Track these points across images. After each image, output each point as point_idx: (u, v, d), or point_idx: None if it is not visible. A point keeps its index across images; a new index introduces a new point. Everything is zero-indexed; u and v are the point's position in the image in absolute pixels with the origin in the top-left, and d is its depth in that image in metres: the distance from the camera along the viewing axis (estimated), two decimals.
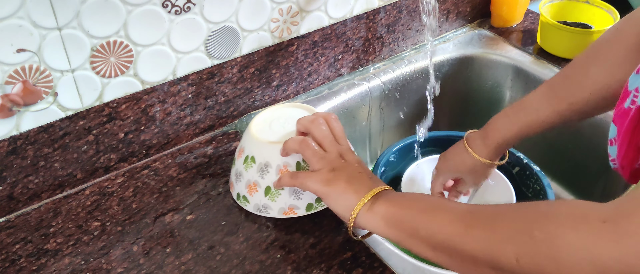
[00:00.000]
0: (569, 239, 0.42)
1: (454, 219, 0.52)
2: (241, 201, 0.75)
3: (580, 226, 0.42)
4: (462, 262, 0.51)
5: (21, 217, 0.76)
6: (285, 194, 0.71)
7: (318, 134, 0.67)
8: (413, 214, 0.57)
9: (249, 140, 0.73)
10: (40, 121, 0.74)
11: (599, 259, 0.40)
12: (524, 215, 0.47)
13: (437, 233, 0.53)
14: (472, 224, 0.51)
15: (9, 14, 0.65)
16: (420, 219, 0.56)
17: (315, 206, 0.73)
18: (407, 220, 0.57)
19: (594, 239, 0.40)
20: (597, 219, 0.41)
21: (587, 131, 1.01)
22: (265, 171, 0.71)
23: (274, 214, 0.73)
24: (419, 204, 0.58)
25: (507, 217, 0.49)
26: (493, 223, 0.49)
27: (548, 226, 0.43)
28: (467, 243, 0.50)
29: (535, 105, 0.75)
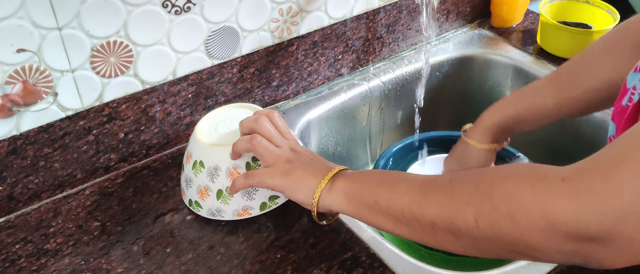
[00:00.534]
0: (526, 195, 0.42)
1: (413, 188, 0.53)
2: (194, 207, 0.75)
3: (538, 184, 0.42)
4: (422, 230, 0.51)
5: (21, 217, 0.76)
6: (237, 196, 0.72)
7: (265, 131, 0.67)
8: (372, 187, 0.57)
9: (195, 145, 0.73)
10: (40, 121, 0.74)
11: (553, 215, 0.40)
12: (483, 178, 0.48)
13: (396, 203, 0.53)
14: (430, 191, 0.51)
15: (9, 14, 0.65)
16: (380, 191, 0.56)
17: (270, 205, 0.73)
18: (367, 193, 0.57)
19: (550, 196, 0.41)
20: (555, 177, 0.42)
21: (587, 131, 1.01)
22: (216, 174, 0.71)
23: (228, 217, 0.73)
24: (378, 178, 0.58)
25: (466, 181, 0.49)
26: (451, 187, 0.49)
27: (506, 185, 0.44)
28: (425, 209, 0.50)
29: (536, 91, 0.75)
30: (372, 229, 0.74)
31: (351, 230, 0.73)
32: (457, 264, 0.76)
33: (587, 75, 0.70)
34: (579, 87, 0.71)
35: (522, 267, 0.70)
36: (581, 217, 0.39)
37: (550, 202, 0.41)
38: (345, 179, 0.60)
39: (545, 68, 1.06)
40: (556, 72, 0.75)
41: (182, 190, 0.77)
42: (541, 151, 1.09)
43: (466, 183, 0.49)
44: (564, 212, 0.40)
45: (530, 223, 0.42)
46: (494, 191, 0.45)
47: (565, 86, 0.72)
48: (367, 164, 1.10)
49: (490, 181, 0.46)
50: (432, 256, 0.77)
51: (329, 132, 1.00)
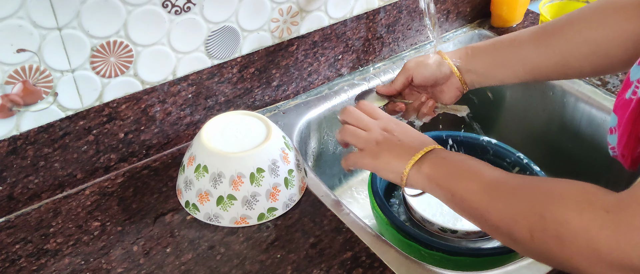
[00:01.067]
0: (574, 223, 0.45)
1: (481, 190, 0.57)
2: (190, 209, 0.75)
3: (585, 213, 0.45)
4: (489, 229, 0.56)
5: (21, 217, 0.76)
6: (238, 204, 0.72)
7: (351, 118, 0.73)
8: (450, 178, 0.62)
9: (201, 149, 0.73)
10: (40, 121, 0.74)
11: (597, 245, 0.43)
12: (539, 194, 0.50)
13: (467, 200, 0.59)
14: (494, 197, 0.55)
15: (9, 14, 0.65)
16: (455, 184, 0.60)
17: (267, 216, 0.74)
18: (445, 183, 0.62)
19: (595, 226, 0.43)
20: (600, 207, 0.44)
21: (587, 130, 1.01)
22: (219, 181, 0.72)
23: (225, 224, 0.73)
24: (458, 168, 0.62)
25: (524, 193, 0.52)
26: (512, 198, 0.53)
27: (557, 208, 0.47)
28: (490, 213, 0.55)
29: (517, 42, 0.74)
30: (372, 229, 0.74)
31: (351, 230, 0.73)
32: (457, 264, 0.76)
33: (583, 37, 0.68)
34: (574, 50, 0.69)
35: (523, 267, 0.70)
36: (623, 249, 0.41)
37: (595, 233, 0.43)
38: (430, 164, 0.64)
39: None
40: (541, 28, 0.73)
41: (178, 190, 0.77)
42: (541, 150, 1.09)
43: (525, 197, 0.51)
44: (608, 243, 0.42)
45: (577, 248, 0.45)
46: (546, 212, 0.48)
47: (547, 43, 0.71)
48: None
49: (545, 201, 0.49)
50: (432, 256, 0.77)
51: (329, 132, 1.00)
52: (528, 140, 1.12)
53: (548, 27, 0.73)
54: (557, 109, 1.04)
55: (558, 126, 1.06)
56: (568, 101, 1.02)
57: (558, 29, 0.71)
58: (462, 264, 0.76)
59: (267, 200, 0.73)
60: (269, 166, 0.73)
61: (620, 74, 1.03)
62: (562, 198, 0.48)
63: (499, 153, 0.92)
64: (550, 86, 1.05)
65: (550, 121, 1.07)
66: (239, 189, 0.72)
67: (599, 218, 0.43)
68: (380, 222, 0.84)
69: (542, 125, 1.09)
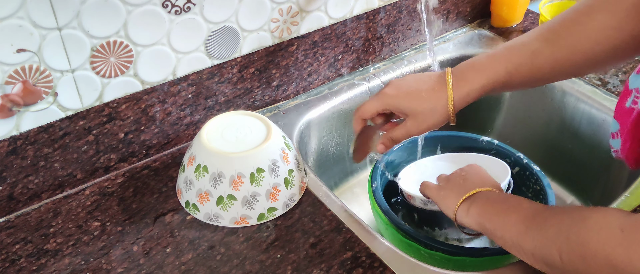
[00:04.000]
0: (593, 243, 0.49)
1: (518, 221, 0.60)
2: (190, 209, 0.75)
3: (603, 234, 0.49)
4: (526, 257, 0.60)
5: (21, 217, 0.76)
6: (238, 204, 0.72)
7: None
8: (492, 216, 0.65)
9: (201, 149, 0.74)
10: (40, 121, 0.74)
11: (614, 261, 0.47)
12: (567, 219, 0.54)
13: (506, 233, 0.62)
14: (530, 226, 0.58)
15: (9, 14, 0.65)
16: (496, 221, 0.64)
17: (267, 216, 0.74)
18: (488, 222, 0.65)
19: (610, 245, 0.48)
20: (617, 227, 0.48)
21: (587, 131, 1.01)
22: (219, 181, 0.72)
23: (224, 224, 0.73)
24: (499, 206, 0.65)
25: (555, 220, 0.56)
26: (544, 225, 0.56)
27: (580, 231, 0.51)
28: (525, 242, 0.59)
29: (531, 46, 0.66)
30: (372, 229, 0.74)
31: (351, 230, 0.73)
32: (457, 265, 0.76)
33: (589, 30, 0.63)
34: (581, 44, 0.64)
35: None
36: (636, 265, 0.46)
37: (611, 250, 0.48)
38: (477, 205, 0.68)
39: None
40: (548, 25, 0.67)
41: (178, 190, 0.77)
42: (541, 150, 1.09)
43: (555, 223, 0.55)
44: (623, 259, 0.47)
45: (597, 265, 0.49)
46: (571, 235, 0.52)
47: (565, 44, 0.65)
48: (367, 164, 1.10)
49: (571, 224, 0.53)
50: (432, 257, 0.77)
51: (329, 132, 1.00)
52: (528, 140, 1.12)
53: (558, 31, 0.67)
54: (557, 109, 1.04)
55: (558, 126, 1.06)
56: (568, 101, 1.02)
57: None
58: (462, 264, 0.76)
59: (267, 200, 0.73)
60: (269, 166, 0.73)
61: (620, 74, 1.03)
62: (585, 221, 0.52)
63: (499, 153, 0.92)
64: (550, 86, 1.05)
65: (550, 121, 1.07)
66: (239, 189, 0.72)
67: (614, 237, 0.48)
68: (380, 222, 0.84)
69: (542, 125, 1.09)
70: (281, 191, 0.74)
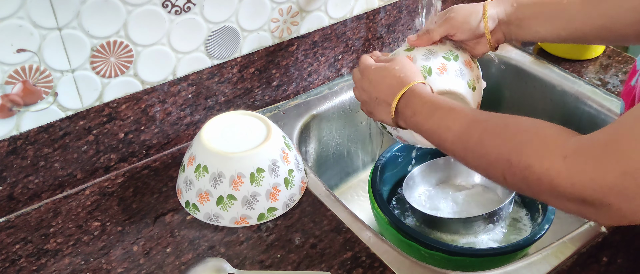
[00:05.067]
0: (536, 170, 0.51)
1: (455, 140, 0.62)
2: (190, 209, 0.75)
3: (545, 160, 0.51)
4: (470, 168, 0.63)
5: (21, 217, 0.76)
6: (238, 204, 0.72)
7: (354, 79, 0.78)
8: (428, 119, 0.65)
9: (201, 148, 0.74)
10: (40, 121, 0.74)
11: (557, 187, 0.50)
12: (506, 141, 0.56)
13: (446, 144, 0.64)
14: (467, 147, 0.60)
15: (9, 14, 0.65)
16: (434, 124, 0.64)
17: (267, 216, 0.74)
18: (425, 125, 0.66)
19: (554, 171, 0.50)
20: (559, 155, 0.50)
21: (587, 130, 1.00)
22: (219, 181, 0.72)
23: (225, 223, 0.73)
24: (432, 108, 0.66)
25: (493, 142, 0.57)
26: (482, 146, 0.58)
27: (521, 157, 0.53)
28: (466, 161, 0.62)
29: (574, 8, 0.73)
30: (372, 229, 0.74)
31: (351, 230, 0.73)
32: (457, 264, 0.76)
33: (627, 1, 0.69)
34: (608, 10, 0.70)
35: (522, 267, 0.70)
36: (577, 188, 0.48)
37: (554, 176, 0.50)
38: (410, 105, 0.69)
39: (545, 68, 1.06)
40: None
41: (179, 190, 0.77)
42: None
43: (493, 144, 0.57)
44: (565, 184, 0.49)
45: (541, 188, 0.52)
46: (512, 159, 0.54)
47: (603, 12, 0.71)
48: (367, 164, 1.10)
49: (511, 148, 0.55)
50: (432, 257, 0.77)
51: (329, 132, 1.00)
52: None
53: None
54: (557, 109, 1.04)
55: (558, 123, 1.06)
56: (568, 101, 1.02)
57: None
58: (462, 264, 0.76)
59: (267, 200, 0.73)
60: (269, 166, 0.73)
61: (621, 75, 1.03)
62: (526, 146, 0.53)
63: None
64: (550, 86, 1.05)
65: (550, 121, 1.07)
66: (239, 189, 0.72)
67: (557, 164, 0.50)
68: (380, 222, 0.84)
69: None
70: (281, 191, 0.74)
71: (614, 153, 0.47)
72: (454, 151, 0.63)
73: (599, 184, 0.47)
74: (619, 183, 0.46)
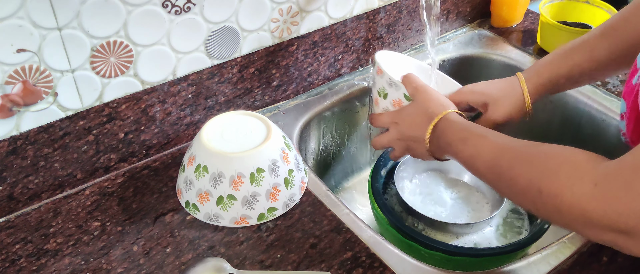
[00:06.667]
0: (567, 197, 0.50)
1: (487, 168, 0.62)
2: (190, 209, 0.75)
3: (575, 188, 0.50)
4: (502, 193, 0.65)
5: (21, 217, 0.76)
6: (238, 204, 0.72)
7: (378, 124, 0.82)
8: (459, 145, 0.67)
9: (201, 149, 0.74)
10: (40, 121, 0.74)
11: (589, 214, 0.49)
12: (535, 168, 0.55)
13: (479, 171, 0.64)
14: (499, 175, 0.60)
15: (9, 14, 0.65)
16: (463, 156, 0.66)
17: (267, 216, 0.74)
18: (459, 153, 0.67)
19: (585, 200, 0.49)
20: (589, 181, 0.49)
21: (587, 131, 1.01)
22: (219, 181, 0.72)
23: (225, 224, 0.73)
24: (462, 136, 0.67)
25: (523, 169, 0.57)
26: (512, 174, 0.58)
27: (552, 184, 0.52)
28: (499, 189, 0.63)
29: (589, 44, 0.75)
30: (372, 229, 0.74)
31: (351, 230, 0.73)
32: (457, 264, 0.76)
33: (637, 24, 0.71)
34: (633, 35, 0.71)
35: (522, 267, 0.70)
36: (610, 216, 0.47)
37: (585, 205, 0.49)
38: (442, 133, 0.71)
39: None
40: (608, 23, 0.75)
41: (179, 190, 0.77)
42: None
43: (522, 173, 0.57)
44: (597, 213, 0.48)
45: (572, 217, 0.50)
46: (543, 188, 0.53)
47: (619, 34, 0.72)
48: (367, 164, 1.10)
49: (541, 177, 0.54)
50: (432, 257, 0.77)
51: (329, 132, 1.00)
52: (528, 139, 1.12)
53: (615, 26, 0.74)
54: (557, 109, 1.04)
55: (558, 126, 1.06)
56: (568, 101, 1.02)
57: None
58: (462, 264, 0.76)
59: (267, 200, 0.73)
60: (269, 166, 0.73)
61: (621, 74, 1.03)
62: (556, 174, 0.52)
63: None
64: None
65: (550, 121, 1.07)
66: (239, 189, 0.72)
67: (588, 191, 0.49)
68: (380, 222, 0.84)
69: (542, 125, 1.09)
70: (281, 191, 0.75)
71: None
72: (487, 178, 0.63)
73: (631, 210, 0.46)
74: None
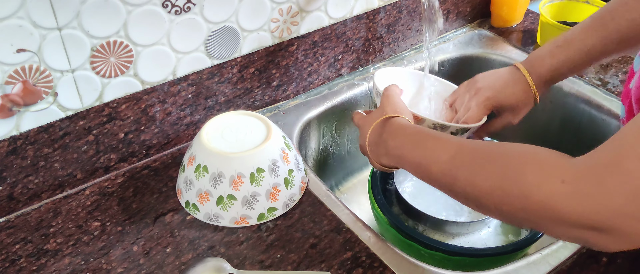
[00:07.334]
0: (535, 197, 0.48)
1: (442, 171, 0.58)
2: (190, 209, 0.75)
3: (543, 187, 0.48)
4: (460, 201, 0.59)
5: (21, 217, 0.76)
6: (238, 204, 0.72)
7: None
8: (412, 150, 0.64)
9: (201, 149, 0.74)
10: (40, 121, 0.74)
11: (559, 213, 0.47)
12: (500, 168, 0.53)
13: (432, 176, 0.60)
14: (456, 178, 0.56)
15: (9, 14, 0.65)
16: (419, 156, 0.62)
17: (267, 216, 0.74)
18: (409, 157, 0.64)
19: (554, 198, 0.47)
20: (558, 179, 0.47)
21: (587, 131, 1.01)
22: (219, 181, 0.72)
23: (225, 224, 0.73)
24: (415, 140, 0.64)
25: (485, 170, 0.54)
26: (472, 176, 0.55)
27: (517, 185, 0.50)
28: (455, 194, 0.58)
29: (580, 37, 0.76)
30: (372, 229, 0.74)
31: (351, 230, 0.73)
32: (457, 264, 0.76)
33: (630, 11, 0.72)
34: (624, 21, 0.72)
35: (522, 267, 0.70)
36: (582, 213, 0.45)
37: (555, 203, 0.47)
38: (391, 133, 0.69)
39: None
40: (595, 15, 0.77)
41: (178, 190, 0.77)
42: None
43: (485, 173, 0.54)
44: (568, 210, 0.46)
45: (541, 215, 0.48)
46: (508, 188, 0.51)
47: (608, 23, 0.74)
48: (367, 164, 1.10)
49: (505, 176, 0.51)
50: (432, 257, 0.77)
51: (329, 132, 1.00)
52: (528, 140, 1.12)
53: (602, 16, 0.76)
54: (557, 109, 1.04)
55: (558, 126, 1.06)
56: (568, 101, 1.02)
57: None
58: (462, 264, 0.76)
59: (267, 200, 0.73)
60: (269, 166, 0.73)
61: (621, 75, 1.03)
62: (523, 175, 0.50)
63: None
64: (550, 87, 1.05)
65: (550, 121, 1.07)
66: (239, 189, 0.72)
67: (557, 190, 0.47)
68: (380, 222, 0.84)
69: (542, 125, 1.09)
70: (281, 191, 0.75)
71: (618, 173, 0.44)
72: (441, 183, 0.59)
73: (605, 208, 0.44)
74: (626, 205, 0.43)
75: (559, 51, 0.78)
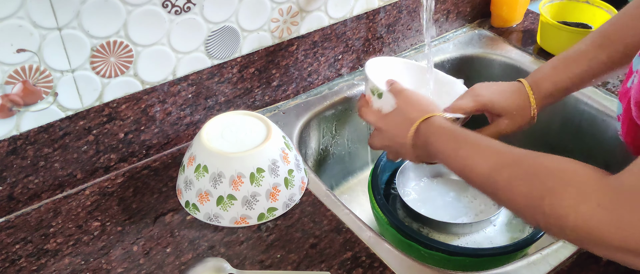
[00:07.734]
0: (572, 219, 0.50)
1: (483, 182, 0.61)
2: (190, 209, 0.75)
3: (581, 209, 0.49)
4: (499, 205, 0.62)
5: (21, 217, 0.76)
6: (238, 204, 0.72)
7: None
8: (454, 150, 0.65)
9: (201, 149, 0.74)
10: (40, 121, 0.74)
11: (597, 237, 0.48)
12: (535, 188, 0.54)
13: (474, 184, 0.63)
14: (496, 190, 0.59)
15: (9, 14, 0.65)
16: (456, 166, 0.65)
17: (267, 216, 0.74)
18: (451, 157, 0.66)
19: (592, 222, 0.48)
20: (594, 203, 0.49)
21: (587, 130, 1.01)
22: (219, 181, 0.72)
23: (225, 223, 0.73)
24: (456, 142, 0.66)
25: (522, 189, 0.55)
26: (511, 192, 0.57)
27: (555, 206, 0.51)
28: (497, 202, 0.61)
29: (586, 53, 0.75)
30: (372, 229, 0.74)
31: (351, 230, 0.73)
32: (457, 265, 0.76)
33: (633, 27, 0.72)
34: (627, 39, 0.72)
35: (522, 267, 0.70)
36: (620, 238, 0.47)
37: (593, 226, 0.48)
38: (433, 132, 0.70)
39: None
40: (600, 31, 0.76)
41: (178, 190, 0.77)
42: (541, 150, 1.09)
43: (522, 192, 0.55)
44: (605, 235, 0.48)
45: (579, 236, 0.50)
46: (545, 208, 0.52)
47: (615, 44, 0.73)
48: (367, 164, 1.10)
49: (542, 197, 0.53)
50: (432, 257, 0.77)
51: (329, 132, 1.00)
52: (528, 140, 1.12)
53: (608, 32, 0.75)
54: (557, 109, 1.04)
55: (559, 126, 1.06)
56: (568, 101, 1.02)
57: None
58: (462, 264, 0.76)
59: (267, 200, 0.73)
60: (269, 166, 0.73)
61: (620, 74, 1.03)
62: (560, 195, 0.52)
63: None
64: None
65: (550, 121, 1.07)
66: (239, 189, 0.72)
67: (595, 214, 0.48)
68: (380, 222, 0.84)
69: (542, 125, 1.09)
70: (281, 191, 0.75)
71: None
72: (483, 191, 0.62)
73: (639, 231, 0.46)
74: None
75: (562, 67, 0.77)
